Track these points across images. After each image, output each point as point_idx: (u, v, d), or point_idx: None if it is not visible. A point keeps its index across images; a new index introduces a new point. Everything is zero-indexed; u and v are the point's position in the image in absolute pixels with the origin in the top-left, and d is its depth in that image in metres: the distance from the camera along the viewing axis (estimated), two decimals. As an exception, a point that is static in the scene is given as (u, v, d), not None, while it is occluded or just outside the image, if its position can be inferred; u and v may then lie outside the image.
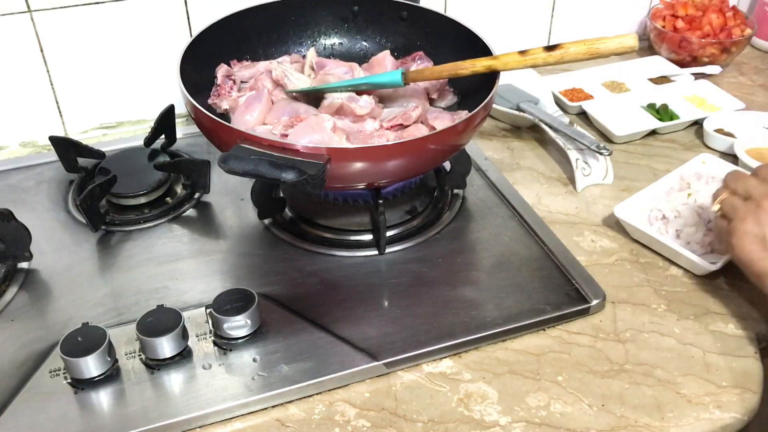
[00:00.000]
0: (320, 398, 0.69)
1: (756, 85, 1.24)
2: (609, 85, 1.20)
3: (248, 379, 0.69)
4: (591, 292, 0.78)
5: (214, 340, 0.72)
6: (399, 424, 0.66)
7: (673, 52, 1.25)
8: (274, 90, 0.89)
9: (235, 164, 0.66)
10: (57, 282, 0.80)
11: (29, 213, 0.88)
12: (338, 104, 0.84)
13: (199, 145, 1.01)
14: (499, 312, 0.76)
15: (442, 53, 0.93)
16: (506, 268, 0.82)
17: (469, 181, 0.94)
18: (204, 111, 0.76)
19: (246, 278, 0.80)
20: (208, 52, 0.90)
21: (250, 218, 0.89)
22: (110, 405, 0.66)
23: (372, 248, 0.84)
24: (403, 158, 0.75)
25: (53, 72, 0.99)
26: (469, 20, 0.92)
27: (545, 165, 1.02)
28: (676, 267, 0.84)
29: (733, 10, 1.24)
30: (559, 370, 0.72)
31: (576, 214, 0.92)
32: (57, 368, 0.69)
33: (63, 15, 0.95)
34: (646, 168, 1.01)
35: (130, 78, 1.04)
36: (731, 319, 0.78)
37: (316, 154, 0.69)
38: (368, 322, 0.75)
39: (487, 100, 0.78)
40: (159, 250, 0.84)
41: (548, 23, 1.28)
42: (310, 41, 1.00)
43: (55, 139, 0.93)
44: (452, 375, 0.71)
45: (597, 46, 0.76)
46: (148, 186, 0.90)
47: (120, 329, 0.72)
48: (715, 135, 1.04)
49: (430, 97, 0.93)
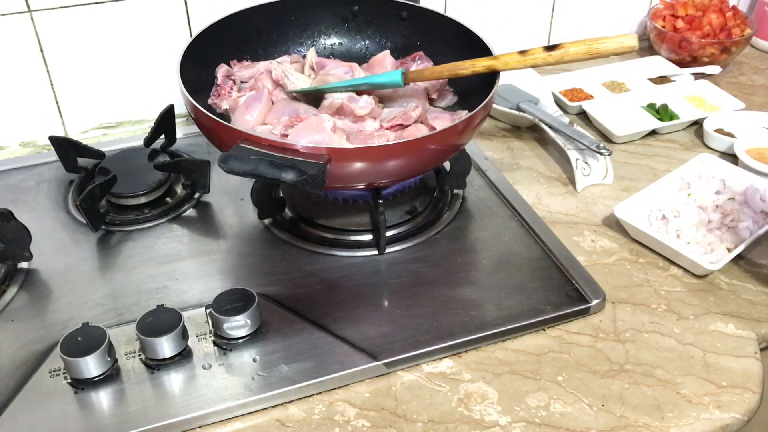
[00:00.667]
0: (320, 398, 0.69)
1: (756, 85, 1.24)
2: (609, 85, 1.20)
3: (248, 379, 0.69)
4: (591, 292, 0.78)
5: (214, 340, 0.72)
6: (399, 424, 0.66)
7: (673, 52, 1.25)
8: (274, 90, 0.89)
9: (235, 164, 0.66)
10: (57, 282, 0.80)
11: (29, 213, 0.88)
12: (338, 104, 0.84)
13: (199, 145, 1.01)
14: (499, 312, 0.76)
15: (442, 53, 0.93)
16: (506, 268, 0.82)
17: (469, 181, 0.94)
18: (204, 111, 0.76)
19: (246, 278, 0.80)
20: (208, 52, 0.90)
21: (250, 218, 0.89)
22: (110, 405, 0.66)
23: (372, 248, 0.84)
24: (403, 158, 0.75)
25: (53, 72, 0.99)
26: (469, 20, 0.92)
27: (545, 165, 1.02)
28: (676, 267, 0.84)
29: (733, 10, 1.24)
30: (559, 370, 0.72)
31: (576, 214, 0.93)
32: (57, 368, 0.69)
33: (63, 15, 0.95)
34: (646, 168, 1.01)
35: (130, 78, 1.04)
36: (731, 319, 0.78)
37: (316, 154, 0.69)
38: (368, 322, 0.75)
39: (487, 100, 0.78)
40: (159, 250, 0.84)
41: (548, 23, 1.28)
42: (310, 41, 1.00)
43: (55, 139, 0.93)
44: (452, 375, 0.71)
45: (597, 46, 0.76)
46: (148, 186, 0.90)
47: (120, 329, 0.72)
48: (715, 135, 1.04)
49: (430, 97, 0.93)
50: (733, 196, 0.90)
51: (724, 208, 0.88)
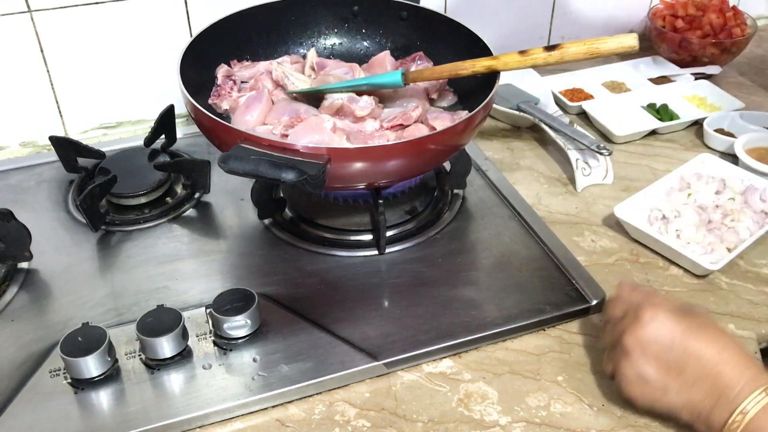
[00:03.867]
0: (320, 398, 0.69)
1: (756, 85, 1.24)
2: (609, 85, 1.20)
3: (248, 379, 0.69)
4: (591, 292, 0.78)
5: (214, 340, 0.72)
6: (399, 424, 0.66)
7: (673, 52, 1.25)
8: (274, 90, 0.89)
9: (236, 164, 0.66)
10: (57, 282, 0.80)
11: (29, 213, 0.88)
12: (338, 105, 0.84)
13: (199, 145, 1.01)
14: (499, 312, 0.76)
15: (442, 53, 0.93)
16: (506, 268, 0.82)
17: (469, 181, 0.94)
18: (204, 111, 0.76)
19: (246, 278, 0.80)
20: (209, 52, 0.90)
21: (250, 218, 0.89)
22: (110, 405, 0.66)
23: (372, 248, 0.84)
24: (403, 158, 0.75)
25: (53, 72, 0.99)
26: (469, 20, 0.91)
27: (545, 165, 1.02)
28: (676, 267, 0.84)
29: (733, 10, 1.24)
30: (559, 370, 0.72)
31: (576, 214, 0.93)
32: (57, 368, 0.69)
33: (63, 15, 0.96)
34: (646, 168, 1.01)
35: (130, 78, 1.04)
36: (731, 319, 0.78)
37: (316, 154, 0.69)
38: (368, 322, 0.75)
39: (487, 100, 0.78)
40: (159, 250, 0.84)
41: (548, 23, 1.28)
42: (311, 41, 1.00)
43: (55, 139, 0.93)
44: (452, 375, 0.71)
45: (597, 46, 0.76)
46: (148, 186, 0.90)
47: (120, 329, 0.72)
48: (715, 135, 1.05)
49: (430, 98, 0.93)
50: (733, 196, 0.90)
51: (724, 208, 0.88)
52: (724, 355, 0.59)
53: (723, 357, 0.59)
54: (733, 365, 0.58)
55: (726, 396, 0.58)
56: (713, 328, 0.61)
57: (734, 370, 0.58)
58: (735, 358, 0.59)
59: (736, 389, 0.57)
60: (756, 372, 0.58)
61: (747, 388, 0.57)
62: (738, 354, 0.59)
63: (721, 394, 0.58)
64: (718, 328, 0.61)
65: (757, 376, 0.58)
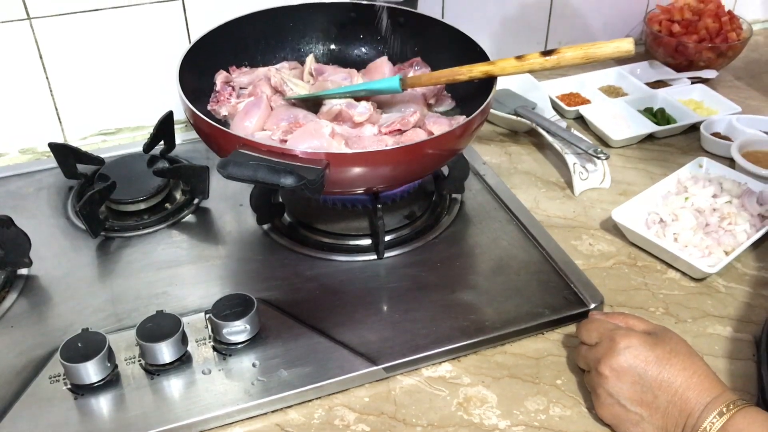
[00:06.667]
0: (320, 403, 0.69)
1: (752, 89, 1.24)
2: (606, 89, 1.20)
3: (248, 384, 0.69)
4: (589, 295, 0.79)
5: (213, 345, 0.72)
6: (398, 429, 0.66)
7: (669, 57, 1.25)
8: (272, 96, 0.90)
9: (234, 170, 0.67)
10: (56, 288, 0.80)
11: (29, 219, 0.88)
12: (337, 110, 0.84)
13: (198, 151, 1.01)
14: (497, 316, 0.76)
15: (439, 59, 0.93)
16: (505, 272, 0.82)
17: (467, 185, 0.94)
18: (203, 117, 0.76)
19: (245, 283, 0.81)
20: (207, 59, 0.90)
21: (249, 223, 0.89)
22: (110, 411, 0.66)
23: (371, 253, 0.84)
24: (402, 163, 0.75)
25: (52, 79, 1.00)
26: (466, 26, 0.92)
27: (543, 169, 1.02)
28: (673, 270, 0.84)
29: (729, 15, 1.25)
30: (558, 373, 0.72)
31: (574, 218, 0.93)
32: (57, 374, 0.69)
33: (62, 22, 0.96)
34: (643, 172, 1.02)
35: (129, 84, 1.04)
36: (729, 322, 0.78)
37: (314, 159, 0.69)
38: (367, 326, 0.75)
39: (485, 105, 0.79)
40: (158, 256, 0.84)
41: (545, 28, 1.29)
42: (309, 47, 1.00)
43: (55, 146, 0.94)
44: (451, 379, 0.71)
45: (593, 51, 0.76)
46: (147, 192, 0.91)
47: (119, 335, 0.73)
48: (711, 139, 1.05)
49: (428, 103, 0.93)
50: (730, 200, 0.91)
51: (721, 211, 0.89)
52: (692, 381, 0.60)
53: (691, 383, 0.60)
54: (698, 390, 0.60)
55: (690, 420, 0.59)
56: (684, 354, 0.62)
57: (699, 395, 0.59)
58: (701, 383, 0.60)
59: (697, 414, 0.59)
60: (716, 394, 0.59)
61: (706, 412, 0.58)
62: (704, 378, 0.61)
63: (687, 418, 0.59)
64: (689, 353, 0.63)
65: (717, 398, 0.59)
